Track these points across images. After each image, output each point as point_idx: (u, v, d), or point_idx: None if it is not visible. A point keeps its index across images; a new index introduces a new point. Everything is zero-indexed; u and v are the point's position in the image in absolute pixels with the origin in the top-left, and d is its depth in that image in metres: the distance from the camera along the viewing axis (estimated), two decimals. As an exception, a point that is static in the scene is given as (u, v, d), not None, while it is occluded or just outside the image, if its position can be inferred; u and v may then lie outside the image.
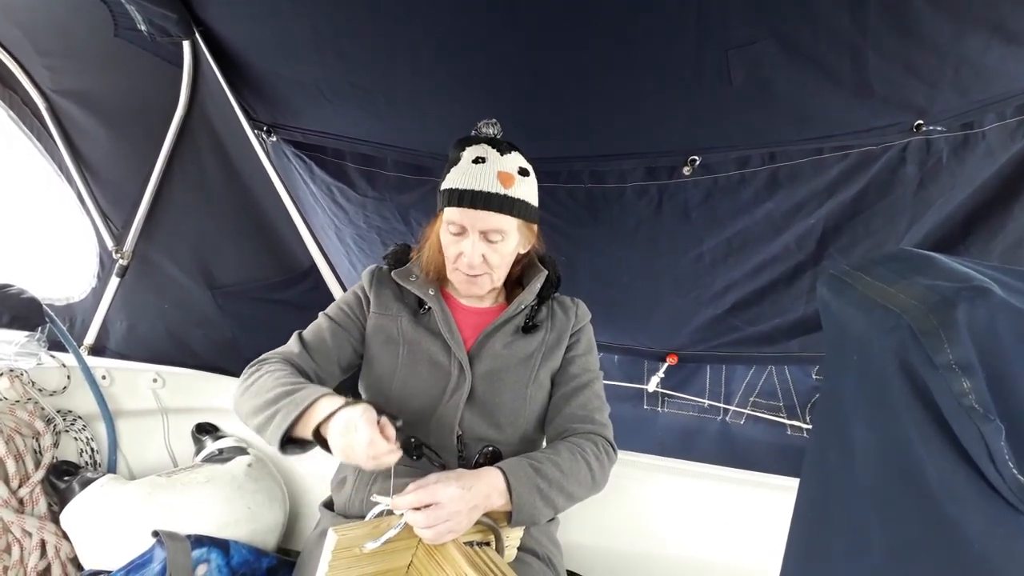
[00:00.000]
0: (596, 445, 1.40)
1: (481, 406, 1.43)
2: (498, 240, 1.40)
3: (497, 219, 1.38)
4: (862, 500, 0.59)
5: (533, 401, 1.47)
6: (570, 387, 1.49)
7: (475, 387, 1.43)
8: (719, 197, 1.88)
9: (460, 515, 1.13)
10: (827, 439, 0.70)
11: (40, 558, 1.55)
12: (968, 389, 0.48)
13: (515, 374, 1.46)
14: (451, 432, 1.40)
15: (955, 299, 0.51)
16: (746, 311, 2.18)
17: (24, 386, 1.70)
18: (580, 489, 1.34)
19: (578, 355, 1.53)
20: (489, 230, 1.38)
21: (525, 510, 1.23)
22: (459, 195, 1.37)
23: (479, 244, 1.39)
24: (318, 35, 1.74)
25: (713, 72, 1.58)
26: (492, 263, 1.42)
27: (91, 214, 2.20)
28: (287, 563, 1.61)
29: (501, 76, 1.74)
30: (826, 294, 0.70)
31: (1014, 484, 0.46)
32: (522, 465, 1.27)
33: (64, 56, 1.96)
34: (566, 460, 1.32)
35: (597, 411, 1.47)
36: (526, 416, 1.45)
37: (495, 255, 1.41)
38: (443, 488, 1.13)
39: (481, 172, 1.38)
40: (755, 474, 1.79)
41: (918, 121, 1.66)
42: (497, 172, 1.38)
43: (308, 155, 2.12)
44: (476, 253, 1.39)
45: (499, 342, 1.48)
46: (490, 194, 1.37)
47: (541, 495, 1.25)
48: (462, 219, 1.38)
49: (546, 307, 1.56)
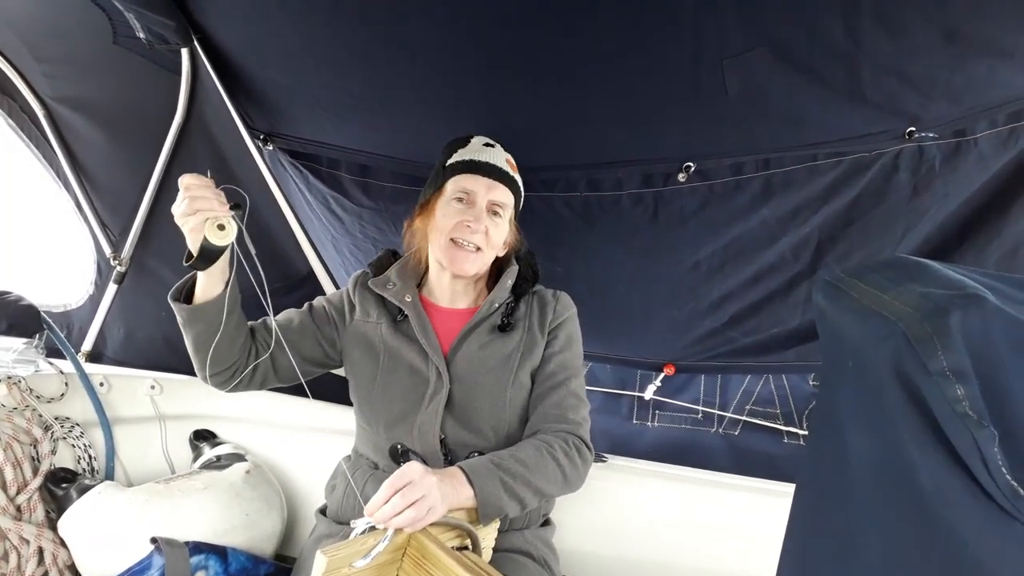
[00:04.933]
0: (567, 443, 1.40)
1: (460, 412, 1.44)
2: (501, 215, 1.50)
3: (505, 193, 1.51)
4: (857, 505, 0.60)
5: (513, 403, 1.47)
6: (545, 386, 1.49)
7: (453, 392, 1.44)
8: (714, 204, 1.88)
9: (433, 489, 1.13)
10: (823, 445, 0.70)
11: (38, 565, 1.55)
12: (962, 396, 0.48)
13: (493, 377, 1.46)
14: (434, 438, 1.41)
15: (949, 306, 0.52)
16: (743, 323, 2.18)
17: (22, 393, 1.70)
18: (549, 485, 1.34)
19: (555, 352, 1.52)
20: (497, 202, 1.49)
21: (490, 502, 1.24)
22: (476, 165, 1.50)
23: (485, 215, 1.48)
24: (314, 45, 1.74)
25: (708, 80, 1.58)
26: (491, 238, 1.49)
27: (89, 221, 2.20)
28: (284, 569, 1.62)
29: (498, 86, 1.74)
30: (822, 301, 0.71)
31: (1007, 489, 0.47)
32: (481, 462, 1.29)
33: (63, 63, 1.96)
34: (530, 456, 1.33)
35: (571, 409, 1.47)
36: (507, 419, 1.46)
37: (496, 230, 1.50)
38: (408, 468, 1.16)
39: (493, 153, 1.53)
40: (751, 480, 1.80)
41: (910, 128, 1.67)
42: (506, 157, 1.55)
43: (304, 165, 2.12)
44: (481, 220, 1.47)
45: (475, 343, 1.49)
46: (503, 170, 1.51)
47: (505, 487, 1.26)
48: (475, 186, 1.48)
49: (524, 303, 1.57)
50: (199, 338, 1.39)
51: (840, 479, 0.64)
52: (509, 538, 1.43)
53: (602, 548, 1.80)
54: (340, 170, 2.11)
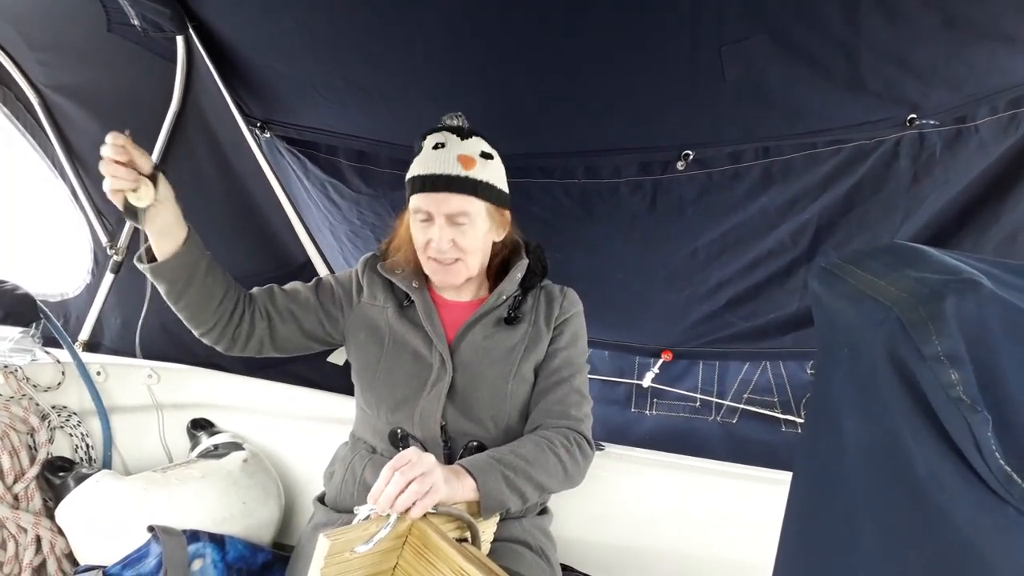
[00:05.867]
0: (567, 439, 1.39)
1: (462, 401, 1.43)
2: (465, 223, 1.40)
3: (460, 201, 1.39)
4: (853, 491, 0.60)
5: (514, 396, 1.46)
6: (549, 382, 1.48)
7: (455, 380, 1.44)
8: (713, 192, 1.88)
9: (435, 469, 1.13)
10: (819, 431, 0.70)
11: (35, 554, 1.55)
12: (956, 380, 0.48)
13: (496, 369, 1.46)
14: (435, 424, 1.41)
15: (944, 291, 0.51)
16: (741, 307, 2.18)
17: (19, 382, 1.70)
18: (550, 480, 1.34)
19: (560, 348, 1.51)
20: (454, 213, 1.39)
21: (493, 495, 1.23)
22: (421, 181, 1.40)
23: (446, 229, 1.39)
24: (312, 30, 1.73)
25: (707, 67, 1.58)
26: (463, 247, 1.41)
27: (85, 210, 2.19)
28: (282, 558, 1.62)
29: (495, 72, 1.74)
30: (817, 287, 0.70)
31: (1001, 474, 0.46)
32: (481, 457, 1.29)
33: (57, 51, 1.95)
34: (531, 451, 1.33)
35: (574, 406, 1.46)
36: (507, 411, 1.45)
37: (464, 239, 1.41)
38: (407, 451, 1.15)
39: (441, 156, 1.40)
40: (748, 468, 1.80)
41: (911, 115, 1.66)
42: (457, 155, 1.40)
43: (302, 151, 2.12)
44: (444, 238, 1.39)
45: (480, 333, 1.48)
46: (451, 176, 1.38)
47: (507, 481, 1.26)
48: (427, 204, 1.40)
49: (532, 297, 1.56)
50: (169, 296, 1.42)
51: (836, 465, 0.64)
52: (507, 527, 1.43)
53: (600, 536, 1.80)
54: (339, 156, 2.10)
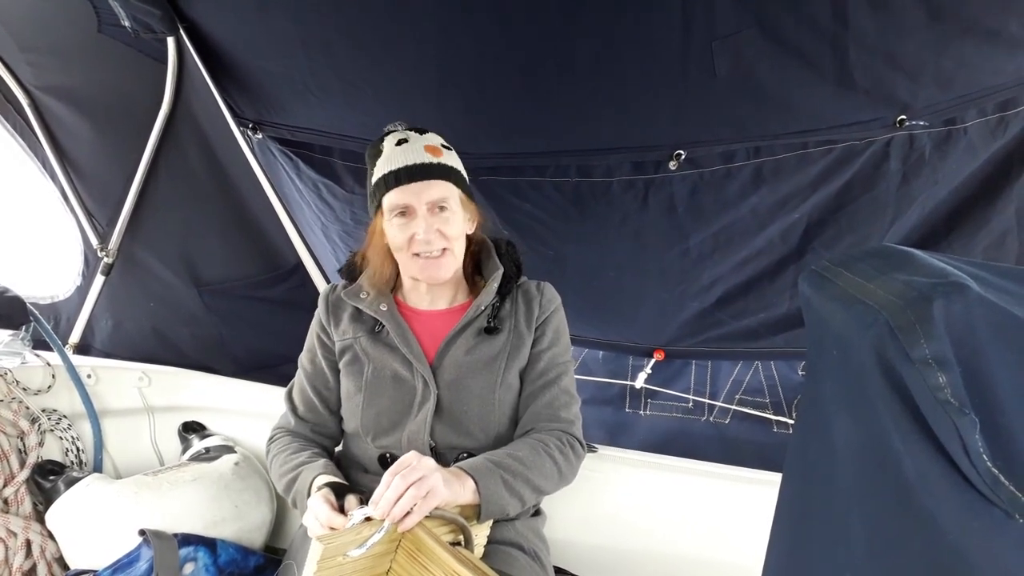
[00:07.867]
0: (560, 440, 1.40)
1: (449, 416, 1.41)
2: (447, 209, 1.39)
3: (440, 187, 1.38)
4: (842, 494, 0.60)
5: (502, 404, 1.45)
6: (537, 385, 1.47)
7: (441, 398, 1.42)
8: (705, 192, 1.89)
9: (435, 472, 1.13)
10: (808, 434, 0.70)
11: (25, 558, 1.54)
12: (943, 383, 0.48)
13: (481, 380, 1.44)
14: (423, 445, 1.39)
15: (932, 294, 0.51)
16: (731, 305, 2.19)
17: (8, 385, 1.69)
18: (546, 482, 1.34)
19: (544, 349, 1.49)
20: (435, 200, 1.37)
21: (493, 499, 1.23)
22: (395, 175, 1.37)
23: (430, 219, 1.37)
24: (304, 30, 1.73)
25: (698, 65, 1.59)
26: (449, 235, 1.39)
27: (75, 212, 2.18)
28: (274, 561, 1.61)
29: (488, 71, 1.74)
30: (807, 290, 0.70)
31: (988, 476, 0.47)
32: (479, 461, 1.29)
33: (47, 52, 1.94)
34: (527, 454, 1.33)
35: (563, 408, 1.45)
36: (497, 419, 1.44)
37: (448, 227, 1.39)
38: (406, 455, 1.16)
39: (408, 150, 1.39)
40: (740, 469, 1.80)
41: (901, 116, 1.67)
42: (424, 146, 1.40)
43: (295, 152, 2.12)
44: (430, 228, 1.37)
45: (461, 348, 1.46)
46: (426, 164, 1.38)
47: (506, 485, 1.26)
48: (406, 198, 1.37)
49: (509, 300, 1.53)
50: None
51: (825, 466, 0.64)
52: (500, 529, 1.42)
53: (593, 538, 1.80)
54: (332, 156, 2.10)
